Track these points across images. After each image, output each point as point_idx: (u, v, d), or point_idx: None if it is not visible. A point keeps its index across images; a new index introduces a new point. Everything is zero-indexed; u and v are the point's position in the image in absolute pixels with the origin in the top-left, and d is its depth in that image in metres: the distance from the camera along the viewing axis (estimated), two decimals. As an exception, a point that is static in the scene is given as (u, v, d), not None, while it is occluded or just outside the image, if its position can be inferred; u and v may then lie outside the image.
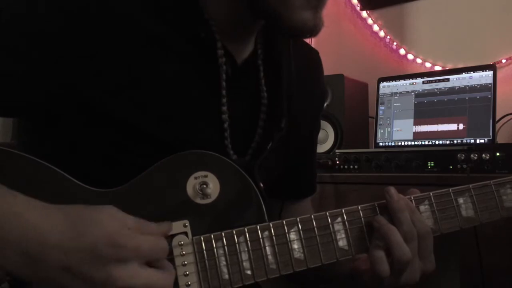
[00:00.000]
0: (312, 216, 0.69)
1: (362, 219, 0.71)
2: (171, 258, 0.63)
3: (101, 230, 0.54)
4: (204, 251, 0.64)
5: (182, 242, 0.64)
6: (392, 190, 0.72)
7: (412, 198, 0.74)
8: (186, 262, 0.63)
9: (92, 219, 0.55)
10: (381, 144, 1.79)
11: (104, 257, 0.53)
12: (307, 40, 0.90)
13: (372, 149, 1.79)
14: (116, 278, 0.53)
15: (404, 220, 0.69)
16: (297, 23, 0.69)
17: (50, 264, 0.52)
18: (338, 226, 0.70)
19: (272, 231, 0.67)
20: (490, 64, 1.69)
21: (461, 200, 0.75)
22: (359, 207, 0.72)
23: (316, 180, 1.00)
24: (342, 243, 0.70)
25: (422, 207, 0.74)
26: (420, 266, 0.71)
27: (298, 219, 0.69)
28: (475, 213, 0.75)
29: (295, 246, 0.68)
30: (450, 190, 0.75)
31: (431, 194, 0.74)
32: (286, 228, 0.68)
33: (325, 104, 1.84)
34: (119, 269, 0.53)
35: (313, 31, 0.71)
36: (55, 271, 0.52)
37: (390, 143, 1.77)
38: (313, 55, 0.95)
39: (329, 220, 0.70)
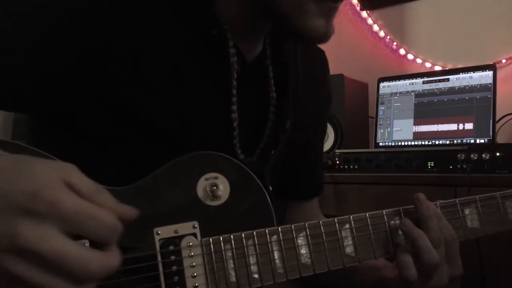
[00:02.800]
0: (320, 222, 0.69)
1: (369, 226, 0.72)
2: (179, 259, 0.63)
3: (29, 177, 0.44)
4: (213, 253, 0.64)
5: (191, 244, 0.63)
6: (421, 197, 0.71)
7: (438, 204, 0.74)
8: (194, 264, 0.63)
9: (30, 166, 0.45)
10: (381, 144, 1.79)
11: (14, 206, 0.43)
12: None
13: (372, 149, 1.80)
14: (20, 234, 0.42)
15: (432, 227, 0.69)
16: (309, 29, 0.68)
17: None
18: (345, 233, 0.70)
19: (281, 235, 0.67)
20: (490, 64, 1.70)
21: (467, 211, 0.75)
22: (367, 215, 0.72)
23: (322, 180, 1.00)
24: (349, 249, 0.70)
25: None
26: (448, 270, 0.71)
27: (306, 224, 0.69)
28: (480, 224, 0.75)
29: (303, 251, 0.67)
30: (457, 200, 0.75)
31: (437, 203, 0.74)
32: (294, 233, 0.68)
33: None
34: (28, 224, 0.42)
35: (324, 38, 0.70)
36: None
37: (390, 143, 1.78)
38: (320, 55, 0.95)
39: (337, 226, 0.70)
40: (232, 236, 0.65)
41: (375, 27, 2.16)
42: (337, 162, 1.65)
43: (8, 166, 0.45)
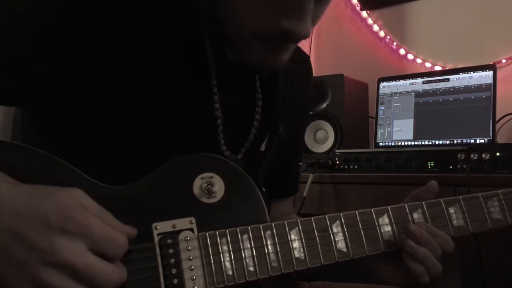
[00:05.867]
0: (312, 219, 0.72)
1: (359, 223, 0.74)
2: (177, 252, 0.65)
3: (56, 201, 0.53)
4: (209, 247, 0.66)
5: (188, 238, 0.66)
6: (412, 228, 0.74)
7: (424, 204, 0.78)
8: (191, 257, 0.65)
9: (52, 193, 0.54)
10: (381, 144, 1.79)
11: (52, 227, 0.52)
12: (307, 41, 0.91)
13: (372, 149, 1.80)
14: (58, 250, 0.51)
15: (433, 249, 0.74)
16: (255, 64, 0.70)
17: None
18: (336, 229, 0.73)
19: (274, 230, 0.69)
20: (490, 64, 1.70)
21: (451, 210, 0.79)
22: (356, 212, 0.75)
23: (299, 180, 1.04)
24: (340, 245, 0.72)
25: (415, 215, 0.77)
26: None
27: (298, 220, 0.71)
28: (465, 223, 0.79)
29: (296, 245, 0.70)
30: (441, 200, 0.79)
31: (423, 203, 0.78)
32: (287, 228, 0.70)
33: (323, 106, 1.85)
34: (64, 241, 0.52)
35: (270, 70, 0.74)
36: (2, 234, 0.52)
37: (390, 143, 1.78)
38: (304, 59, 0.97)
39: (328, 222, 0.73)
40: (227, 231, 0.67)
41: (375, 27, 2.16)
42: (337, 162, 1.65)
43: (33, 192, 0.54)
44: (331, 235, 0.72)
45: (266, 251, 0.68)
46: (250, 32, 0.65)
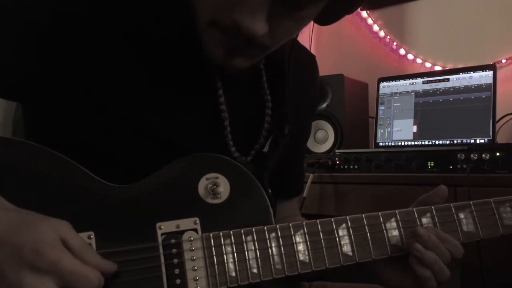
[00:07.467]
0: (318, 221, 0.71)
1: (366, 226, 0.73)
2: (180, 252, 0.65)
3: (34, 235, 0.53)
4: (213, 247, 0.66)
5: (192, 238, 0.66)
6: (421, 231, 0.72)
7: (433, 208, 0.76)
8: (195, 257, 0.65)
9: (34, 224, 0.54)
10: (381, 144, 1.79)
11: (23, 261, 0.52)
12: (307, 41, 0.90)
13: (372, 149, 1.80)
14: (24, 285, 0.52)
15: (441, 254, 0.72)
16: (208, 54, 0.67)
17: None
18: (342, 232, 0.72)
19: (279, 232, 0.69)
20: (490, 64, 1.70)
21: (462, 215, 0.77)
22: (363, 215, 0.74)
23: (303, 181, 1.03)
24: (346, 248, 0.72)
25: (424, 220, 0.76)
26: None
27: (304, 223, 0.70)
28: (475, 228, 0.77)
29: (301, 248, 0.69)
30: (451, 205, 0.77)
31: (432, 207, 0.76)
32: (292, 230, 0.69)
33: (323, 106, 1.85)
34: (32, 278, 0.52)
35: (225, 68, 0.69)
36: None
37: (390, 143, 1.78)
38: (310, 59, 0.96)
39: (334, 225, 0.72)
40: (231, 232, 0.67)
41: (375, 27, 2.16)
42: (337, 162, 1.65)
43: (16, 222, 0.55)
44: (337, 238, 0.71)
45: (270, 253, 0.67)
46: (207, 18, 0.64)
